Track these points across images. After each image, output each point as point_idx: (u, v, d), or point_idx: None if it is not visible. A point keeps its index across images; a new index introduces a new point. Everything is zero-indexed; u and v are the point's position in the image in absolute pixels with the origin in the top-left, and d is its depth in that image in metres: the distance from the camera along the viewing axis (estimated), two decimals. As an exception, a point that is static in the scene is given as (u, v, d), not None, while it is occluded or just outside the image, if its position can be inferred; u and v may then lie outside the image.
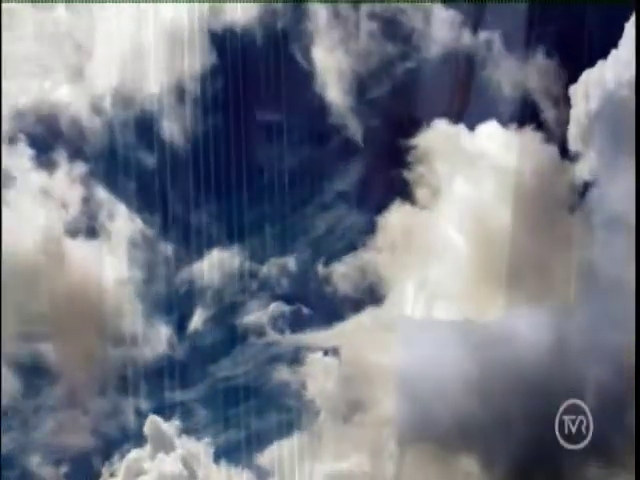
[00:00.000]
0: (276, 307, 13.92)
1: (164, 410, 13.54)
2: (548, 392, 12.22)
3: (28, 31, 13.20)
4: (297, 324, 13.87)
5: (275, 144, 13.59)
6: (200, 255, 13.78)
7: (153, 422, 13.44)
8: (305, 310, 13.93)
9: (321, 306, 13.95)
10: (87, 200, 13.81)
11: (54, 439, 13.50)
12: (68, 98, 13.79)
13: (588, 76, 13.57)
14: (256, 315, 13.85)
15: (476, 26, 13.76)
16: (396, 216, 13.71)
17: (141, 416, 13.48)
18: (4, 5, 12.84)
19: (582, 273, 12.58)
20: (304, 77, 13.83)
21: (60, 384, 13.42)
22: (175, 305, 14.05)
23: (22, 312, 12.89)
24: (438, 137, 13.60)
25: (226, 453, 13.63)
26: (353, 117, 13.99)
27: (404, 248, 13.65)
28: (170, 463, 13.34)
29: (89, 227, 13.83)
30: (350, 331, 13.53)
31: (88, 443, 13.52)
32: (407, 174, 13.72)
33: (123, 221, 13.84)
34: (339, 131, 13.99)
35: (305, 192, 13.81)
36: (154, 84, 13.62)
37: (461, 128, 13.56)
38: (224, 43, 13.60)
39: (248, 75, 13.45)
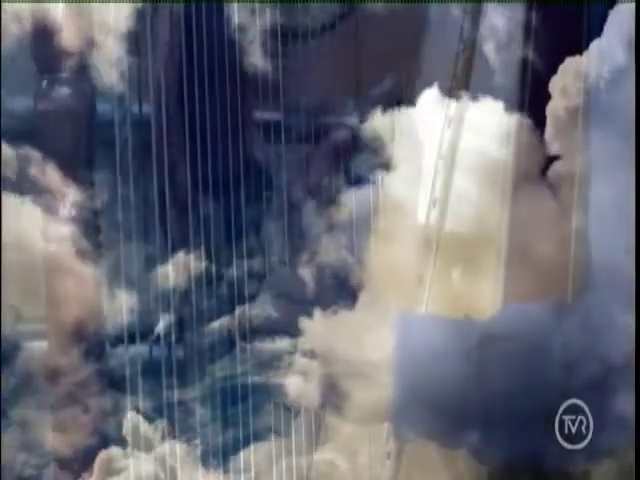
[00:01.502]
0: (245, 311, 13.36)
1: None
2: (548, 392, 12.02)
3: None
4: (271, 326, 13.14)
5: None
6: (165, 256, 12.94)
7: (132, 422, 12.93)
8: (275, 313, 13.14)
9: (295, 305, 13.28)
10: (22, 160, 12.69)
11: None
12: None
13: (567, 66, 13.41)
14: (224, 320, 12.98)
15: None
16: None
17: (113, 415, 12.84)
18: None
19: (577, 263, 12.44)
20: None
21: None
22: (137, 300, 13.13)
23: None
24: (389, 116, 13.11)
25: (209, 455, 12.62)
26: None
27: (377, 237, 13.33)
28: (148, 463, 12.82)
29: (22, 186, 12.78)
30: (328, 329, 13.04)
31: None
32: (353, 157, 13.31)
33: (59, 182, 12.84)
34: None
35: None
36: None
37: (406, 99, 12.36)
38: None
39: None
